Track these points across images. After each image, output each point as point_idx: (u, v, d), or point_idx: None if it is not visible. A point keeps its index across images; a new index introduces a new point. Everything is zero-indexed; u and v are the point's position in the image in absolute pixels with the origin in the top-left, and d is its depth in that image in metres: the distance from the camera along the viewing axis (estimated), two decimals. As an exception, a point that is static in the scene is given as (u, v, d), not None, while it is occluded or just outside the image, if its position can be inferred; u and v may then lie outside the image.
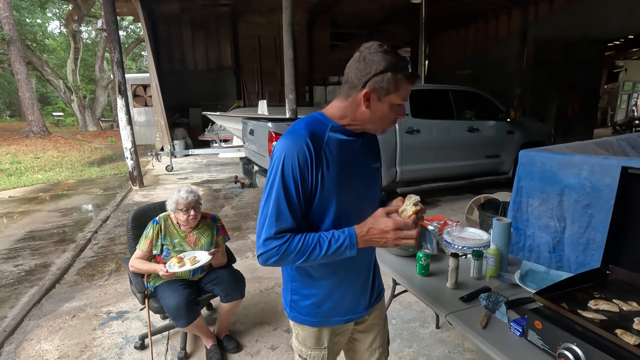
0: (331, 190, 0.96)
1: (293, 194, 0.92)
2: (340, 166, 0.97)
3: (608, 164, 1.75)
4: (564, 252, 2.01)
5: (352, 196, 1.01)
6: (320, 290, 1.09)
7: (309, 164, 0.92)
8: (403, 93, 0.93)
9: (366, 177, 1.06)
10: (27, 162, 9.48)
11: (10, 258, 3.62)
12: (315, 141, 0.93)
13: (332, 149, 0.96)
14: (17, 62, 13.10)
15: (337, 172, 0.97)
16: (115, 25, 5.92)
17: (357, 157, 1.02)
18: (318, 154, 0.93)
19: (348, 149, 1.00)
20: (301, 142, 0.92)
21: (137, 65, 27.48)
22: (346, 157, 0.99)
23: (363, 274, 1.13)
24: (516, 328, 1.17)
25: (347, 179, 0.99)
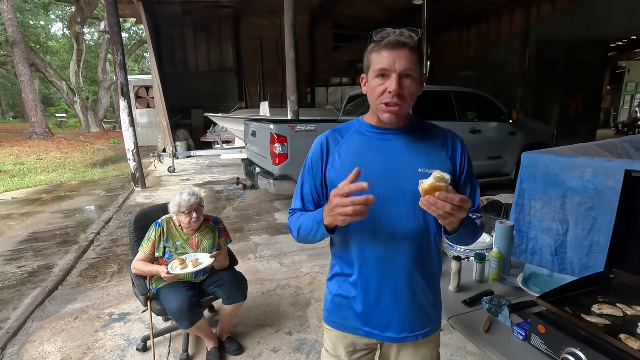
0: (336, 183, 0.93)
1: (306, 183, 1.04)
2: (355, 160, 0.96)
3: (611, 167, 1.74)
4: (566, 254, 2.00)
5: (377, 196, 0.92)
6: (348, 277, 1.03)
7: (322, 159, 1.00)
8: (377, 58, 0.89)
9: (400, 178, 0.94)
10: (30, 163, 9.53)
11: (13, 259, 3.64)
12: (334, 139, 1.01)
13: (351, 144, 0.99)
14: (21, 64, 13.19)
15: (349, 166, 0.92)
16: (118, 27, 5.95)
17: (389, 155, 0.97)
18: (333, 150, 1.00)
19: (373, 145, 0.98)
20: (320, 139, 1.03)
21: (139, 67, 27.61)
22: (368, 152, 0.97)
23: (398, 284, 0.99)
24: (519, 332, 1.16)
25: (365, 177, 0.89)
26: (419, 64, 0.90)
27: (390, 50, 0.87)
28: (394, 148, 0.97)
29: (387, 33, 0.89)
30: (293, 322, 2.46)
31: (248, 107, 12.26)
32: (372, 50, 0.90)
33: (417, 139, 0.99)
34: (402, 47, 0.87)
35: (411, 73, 0.88)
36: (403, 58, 0.87)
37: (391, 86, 0.87)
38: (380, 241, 0.97)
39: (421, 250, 0.99)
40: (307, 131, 4.16)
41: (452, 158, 1.00)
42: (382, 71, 0.88)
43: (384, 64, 0.87)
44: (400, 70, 0.87)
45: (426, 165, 0.95)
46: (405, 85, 0.89)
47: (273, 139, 4.11)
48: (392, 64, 0.87)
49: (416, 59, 0.89)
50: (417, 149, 0.97)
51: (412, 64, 0.88)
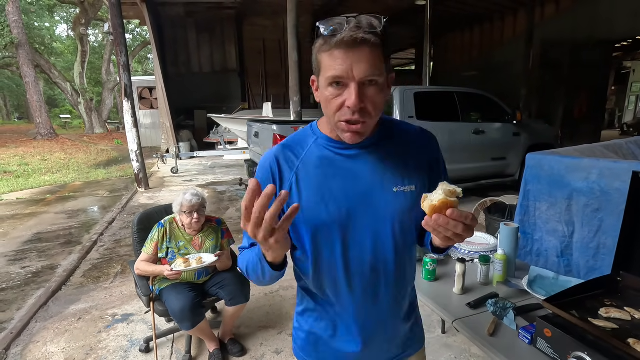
0: (305, 221, 0.78)
1: None
2: (318, 189, 0.77)
3: (618, 168, 1.72)
4: (572, 256, 1.98)
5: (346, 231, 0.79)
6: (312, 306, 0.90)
7: (275, 182, 0.79)
8: (328, 60, 0.67)
9: (373, 203, 0.79)
10: (35, 164, 9.59)
11: (17, 260, 3.65)
12: (287, 159, 0.80)
13: (308, 167, 0.79)
14: (26, 65, 13.29)
15: (311, 197, 0.77)
16: (122, 28, 5.98)
17: (357, 177, 0.79)
18: (287, 176, 0.79)
19: (337, 165, 0.79)
20: (268, 161, 0.81)
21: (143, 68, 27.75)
22: (332, 176, 0.78)
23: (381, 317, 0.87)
24: (525, 335, 1.15)
25: (329, 206, 0.77)
26: (384, 63, 0.69)
27: (345, 51, 0.65)
28: (362, 167, 0.79)
29: (340, 23, 0.66)
30: (296, 323, 2.45)
31: (251, 107, 12.28)
32: (321, 49, 0.68)
33: (388, 151, 0.81)
34: (361, 45, 0.64)
35: (375, 79, 0.67)
36: (363, 61, 0.65)
37: (350, 99, 0.66)
38: (356, 276, 0.81)
39: (400, 279, 0.86)
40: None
41: (426, 162, 0.84)
42: (335, 79, 0.67)
43: (337, 70, 0.66)
44: (360, 77, 0.66)
45: (403, 182, 0.79)
46: (368, 95, 0.68)
47: (276, 140, 4.11)
48: (349, 70, 0.65)
49: (380, 57, 0.67)
50: (390, 164, 0.80)
51: (375, 66, 0.66)
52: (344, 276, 0.81)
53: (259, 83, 13.29)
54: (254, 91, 13.25)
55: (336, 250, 0.79)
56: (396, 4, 10.88)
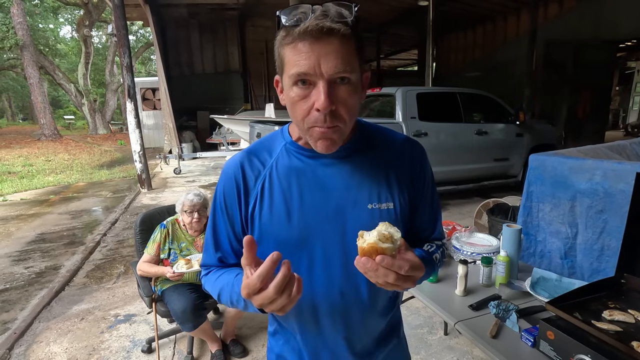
0: (270, 236, 0.70)
1: (221, 228, 0.75)
2: (284, 202, 0.70)
3: (621, 169, 1.71)
4: (576, 258, 1.97)
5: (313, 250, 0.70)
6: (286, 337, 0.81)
7: (239, 198, 0.72)
8: (292, 54, 0.58)
9: (344, 220, 0.70)
10: (39, 164, 9.65)
11: (21, 260, 3.67)
12: (253, 167, 0.72)
13: (274, 177, 0.71)
14: (30, 67, 13.39)
15: (276, 211, 0.70)
16: (125, 30, 6.01)
17: (329, 190, 0.70)
18: (252, 185, 0.72)
19: (308, 176, 0.71)
20: (232, 168, 0.73)
21: (146, 69, 27.87)
22: (302, 187, 0.70)
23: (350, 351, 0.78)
24: (527, 338, 1.14)
25: (294, 221, 0.69)
26: (357, 57, 0.59)
27: (311, 43, 0.56)
28: (334, 179, 0.70)
29: (304, 12, 0.56)
30: (297, 324, 2.45)
31: (253, 108, 12.30)
32: (283, 42, 0.59)
33: (364, 162, 0.72)
34: (329, 35, 0.55)
35: (347, 75, 0.58)
36: (332, 53, 0.56)
37: (318, 100, 0.57)
38: (322, 302, 0.72)
39: (374, 306, 0.76)
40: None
41: (409, 176, 0.74)
42: (300, 76, 0.58)
43: (302, 66, 0.56)
44: (329, 73, 0.57)
45: (377, 198, 0.70)
46: (339, 95, 0.59)
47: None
48: (316, 65, 0.56)
49: (352, 50, 0.58)
50: (366, 176, 0.71)
51: (347, 61, 0.57)
52: (308, 301, 0.72)
53: (261, 84, 13.31)
54: (257, 92, 13.27)
55: (300, 271, 0.67)
56: (399, 5, 10.88)
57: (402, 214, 0.73)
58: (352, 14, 0.58)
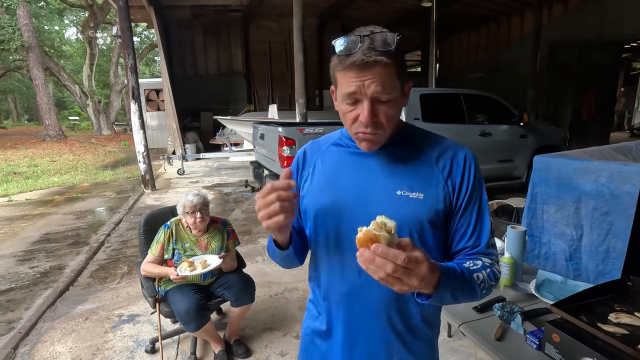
0: (310, 205, 0.84)
1: None
2: (328, 176, 0.84)
3: (627, 171, 1.70)
4: (581, 260, 1.95)
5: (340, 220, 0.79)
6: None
7: (297, 172, 0.90)
8: (343, 79, 0.71)
9: (373, 201, 0.78)
10: (44, 165, 9.72)
11: (26, 260, 3.70)
12: (313, 150, 0.90)
13: (327, 158, 0.86)
14: (36, 68, 13.50)
15: (320, 183, 0.84)
16: (130, 32, 6.05)
17: (364, 173, 0.81)
18: (309, 163, 0.89)
19: (348, 159, 0.84)
20: (298, 153, 0.92)
21: (150, 70, 28.02)
22: (342, 168, 0.83)
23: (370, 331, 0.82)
24: (532, 340, 1.13)
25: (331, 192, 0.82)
26: (398, 78, 0.71)
27: (358, 72, 0.68)
28: (370, 165, 0.81)
29: (353, 44, 0.68)
30: (300, 325, 2.45)
31: (256, 109, 12.33)
32: (336, 68, 0.72)
33: (401, 155, 0.81)
34: (374, 65, 0.67)
35: (386, 96, 0.70)
36: (375, 81, 0.68)
37: (362, 114, 0.71)
38: (347, 273, 0.80)
39: (400, 298, 0.80)
40: (315, 134, 4.16)
41: (448, 179, 0.78)
42: (350, 97, 0.71)
43: (351, 88, 0.70)
44: (372, 95, 0.69)
45: (408, 187, 0.77)
46: (380, 110, 0.71)
47: (281, 142, 4.12)
48: (362, 87, 0.69)
49: (393, 74, 0.70)
50: (399, 168, 0.80)
51: (387, 84, 0.69)
52: (338, 265, 0.82)
53: (264, 85, 13.34)
54: (260, 93, 13.30)
55: (330, 237, 0.81)
56: (402, 6, 10.89)
57: (434, 208, 0.77)
58: (395, 42, 0.68)
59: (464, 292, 0.70)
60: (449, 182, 0.78)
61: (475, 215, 0.79)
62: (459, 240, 0.80)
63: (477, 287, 0.71)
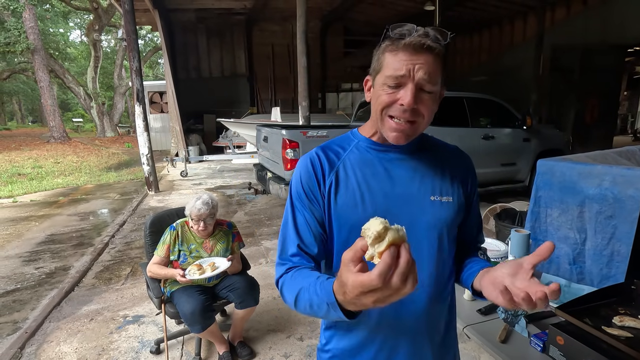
0: (345, 222, 0.76)
1: (299, 214, 0.79)
2: (357, 189, 0.77)
3: (631, 175, 1.70)
4: (585, 264, 1.96)
5: None
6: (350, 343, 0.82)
7: (317, 180, 0.78)
8: (392, 60, 0.69)
9: (411, 209, 0.77)
10: (48, 166, 9.78)
11: (31, 261, 3.73)
12: (327, 158, 0.80)
13: (348, 168, 0.79)
14: (41, 70, 13.61)
15: (349, 198, 0.77)
16: (135, 35, 6.10)
17: (396, 181, 0.78)
18: (328, 172, 0.78)
19: (377, 167, 0.79)
20: (307, 161, 0.80)
21: (154, 72, 28.18)
22: (372, 178, 0.78)
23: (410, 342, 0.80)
24: (537, 343, 1.14)
25: (366, 206, 0.76)
26: (442, 74, 0.71)
27: (411, 54, 0.68)
28: (401, 172, 0.79)
29: (409, 29, 0.69)
30: (304, 327, 2.46)
31: (259, 112, 12.38)
32: (386, 49, 0.71)
33: (427, 159, 0.81)
34: (427, 51, 0.68)
35: (431, 88, 0.70)
36: (426, 65, 0.68)
37: (405, 97, 0.68)
38: None
39: (435, 296, 0.80)
40: (318, 137, 4.18)
41: (463, 180, 0.83)
42: (395, 78, 0.69)
43: (399, 69, 0.68)
44: (419, 80, 0.68)
45: (439, 192, 0.79)
46: (423, 99, 0.70)
47: (285, 145, 4.14)
48: (410, 71, 0.68)
49: (440, 67, 0.70)
50: (428, 171, 0.80)
51: (434, 75, 0.69)
52: None
53: (267, 88, 13.39)
54: (263, 96, 13.35)
55: None
56: (405, 10, 10.93)
57: (460, 210, 0.82)
58: (447, 39, 0.70)
59: None
60: (464, 183, 0.84)
61: (477, 213, 0.90)
62: (469, 234, 0.89)
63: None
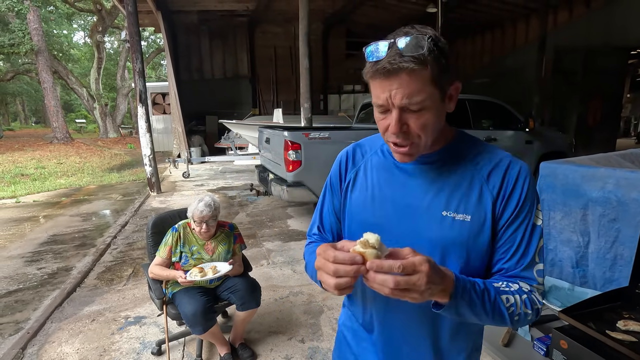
0: (355, 217, 0.81)
1: (326, 202, 0.89)
2: (370, 190, 0.80)
3: (635, 178, 1.70)
4: (588, 267, 1.95)
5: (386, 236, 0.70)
6: None
7: (340, 175, 0.86)
8: (372, 86, 0.66)
9: (418, 221, 0.73)
10: (51, 167, 9.82)
11: (34, 261, 3.74)
12: (355, 155, 0.85)
13: (368, 170, 0.82)
14: (44, 72, 13.68)
15: (362, 196, 0.80)
16: (138, 36, 6.13)
17: (409, 189, 0.75)
18: (351, 168, 0.84)
19: (393, 173, 0.78)
20: (342, 153, 0.88)
21: (156, 73, 28.31)
22: (386, 182, 0.78)
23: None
24: (540, 347, 1.14)
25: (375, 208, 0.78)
26: (433, 83, 0.64)
27: (382, 80, 0.63)
28: (417, 182, 0.75)
29: (378, 49, 0.63)
30: (306, 329, 2.46)
31: (261, 113, 12.41)
32: (367, 74, 0.67)
33: (450, 170, 0.74)
34: (398, 72, 0.61)
35: (416, 105, 0.64)
36: (402, 88, 0.62)
37: (391, 125, 0.66)
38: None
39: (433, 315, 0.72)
40: (320, 138, 4.18)
41: (498, 198, 0.71)
42: (379, 106, 0.67)
43: (379, 98, 0.65)
44: (399, 104, 0.63)
45: (455, 208, 0.71)
46: (410, 119, 0.65)
47: (287, 146, 4.14)
48: (388, 98, 0.64)
49: (423, 80, 0.62)
50: (447, 184, 0.73)
51: (416, 92, 0.62)
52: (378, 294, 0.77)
53: (269, 89, 13.43)
54: (265, 97, 13.39)
55: None
56: (408, 12, 10.94)
57: (480, 231, 0.71)
58: (426, 45, 0.61)
59: (487, 311, 0.64)
60: (498, 201, 0.71)
61: (521, 236, 0.71)
62: (497, 260, 0.73)
63: (504, 310, 0.66)
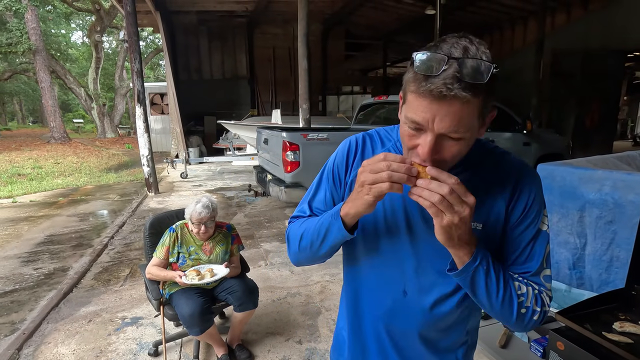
0: None
1: (322, 189, 0.83)
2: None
3: (631, 180, 1.70)
4: (584, 269, 1.95)
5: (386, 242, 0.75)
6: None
7: (343, 169, 0.80)
8: (413, 101, 0.58)
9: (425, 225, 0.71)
10: (48, 167, 9.78)
11: (30, 261, 3.72)
12: (362, 149, 0.79)
13: None
14: (42, 71, 13.63)
15: None
16: (137, 36, 6.12)
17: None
18: (357, 161, 0.78)
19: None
20: (349, 142, 0.81)
21: (155, 74, 28.24)
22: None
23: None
24: (537, 348, 1.14)
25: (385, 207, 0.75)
26: (480, 116, 0.59)
27: (431, 101, 0.56)
28: None
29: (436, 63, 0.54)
30: (303, 330, 2.45)
31: (259, 114, 12.41)
32: (409, 85, 0.59)
33: (464, 179, 0.64)
34: (452, 100, 0.54)
35: (458, 135, 0.58)
36: (449, 116, 0.56)
37: (422, 149, 0.59)
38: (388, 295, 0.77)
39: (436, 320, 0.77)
40: (319, 139, 4.18)
41: (510, 204, 0.70)
42: (414, 122, 0.59)
43: (418, 117, 0.58)
44: (439, 131, 0.57)
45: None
46: (446, 146, 0.60)
47: (285, 147, 4.14)
48: (429, 121, 0.57)
49: (473, 112, 0.57)
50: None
51: (463, 124, 0.57)
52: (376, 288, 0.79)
53: (268, 90, 13.43)
54: (263, 98, 13.39)
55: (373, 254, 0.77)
56: (406, 13, 10.98)
57: (490, 238, 0.70)
58: (489, 75, 0.54)
59: (499, 290, 0.64)
60: (509, 208, 0.70)
61: (527, 241, 0.71)
62: (506, 267, 0.72)
63: (514, 296, 0.66)
